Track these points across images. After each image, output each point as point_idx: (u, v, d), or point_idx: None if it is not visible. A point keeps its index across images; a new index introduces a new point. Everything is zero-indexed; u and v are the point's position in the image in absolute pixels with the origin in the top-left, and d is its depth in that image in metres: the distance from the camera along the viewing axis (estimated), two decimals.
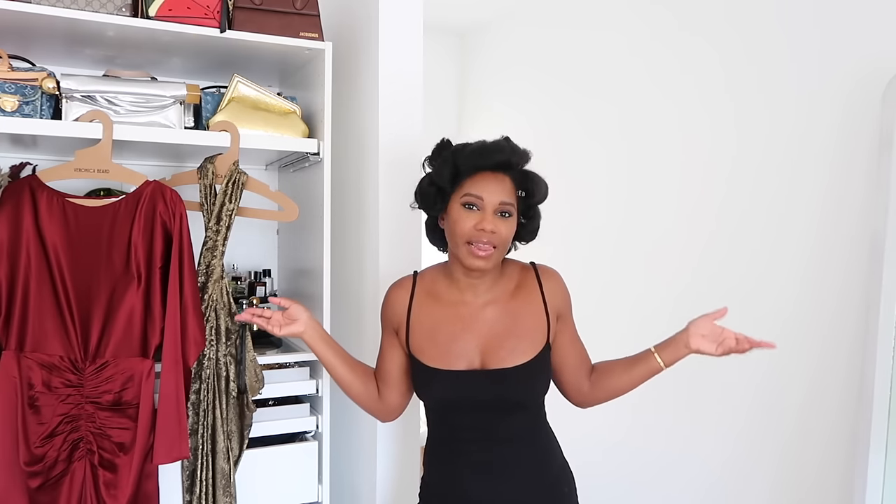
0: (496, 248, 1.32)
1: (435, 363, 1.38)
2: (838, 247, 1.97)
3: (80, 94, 1.59)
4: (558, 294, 1.42)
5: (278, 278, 2.30)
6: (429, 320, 1.41)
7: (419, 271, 1.48)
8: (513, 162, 1.34)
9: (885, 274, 1.77)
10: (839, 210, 1.98)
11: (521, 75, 3.44)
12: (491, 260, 1.33)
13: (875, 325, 1.79)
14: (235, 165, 1.70)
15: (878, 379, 1.77)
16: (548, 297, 1.40)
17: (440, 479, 1.45)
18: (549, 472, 1.43)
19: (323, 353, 1.45)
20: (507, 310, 1.40)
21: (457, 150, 1.36)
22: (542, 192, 1.38)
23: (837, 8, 2.00)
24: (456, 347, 1.38)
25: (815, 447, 2.03)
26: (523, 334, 1.38)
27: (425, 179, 1.40)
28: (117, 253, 1.57)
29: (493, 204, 1.31)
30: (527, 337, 1.38)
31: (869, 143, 1.89)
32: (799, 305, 2.08)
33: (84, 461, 1.55)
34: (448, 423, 1.42)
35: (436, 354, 1.38)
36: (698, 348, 1.37)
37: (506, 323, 1.38)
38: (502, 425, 1.38)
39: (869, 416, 1.78)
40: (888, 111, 1.80)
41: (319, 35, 1.82)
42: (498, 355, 1.36)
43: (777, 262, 2.15)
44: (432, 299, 1.42)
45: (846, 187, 1.96)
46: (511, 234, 1.35)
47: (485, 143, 1.36)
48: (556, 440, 1.48)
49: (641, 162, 2.69)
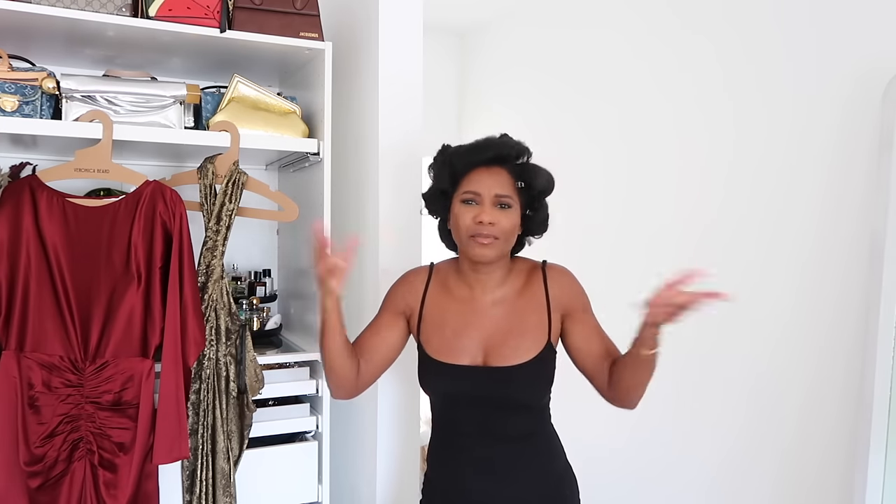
0: (498, 238, 1.34)
1: (439, 356, 1.40)
2: (838, 247, 1.97)
3: (80, 94, 1.59)
4: (565, 292, 1.42)
5: (278, 278, 2.30)
6: (438, 312, 1.44)
7: (435, 263, 1.52)
8: (505, 155, 1.37)
9: (885, 274, 1.76)
10: (839, 210, 1.97)
11: (521, 75, 3.44)
12: (494, 249, 1.35)
13: (875, 326, 1.79)
14: (235, 165, 1.70)
15: (878, 379, 1.77)
16: (552, 296, 1.41)
17: (442, 475, 1.46)
18: (551, 473, 1.44)
19: (333, 320, 1.34)
20: (513, 308, 1.41)
21: (452, 151, 1.42)
22: (543, 182, 1.39)
23: (837, 8, 2.00)
24: (461, 342, 1.40)
25: (816, 447, 2.03)
26: (525, 333, 1.39)
27: (430, 185, 1.46)
28: (117, 253, 1.57)
29: (490, 196, 1.35)
30: (529, 335, 1.39)
31: (869, 143, 1.89)
32: (799, 305, 2.08)
33: (84, 461, 1.55)
34: (450, 418, 1.44)
35: (441, 347, 1.41)
36: (654, 320, 1.24)
37: (511, 321, 1.40)
38: (504, 423, 1.39)
39: (869, 417, 1.78)
40: (888, 111, 1.80)
41: (319, 35, 1.82)
42: (501, 353, 1.37)
43: (776, 262, 2.15)
44: (444, 292, 1.46)
45: (846, 187, 1.96)
46: (512, 225, 1.36)
47: (478, 141, 1.40)
48: (559, 442, 1.49)
49: (640, 163, 2.69)
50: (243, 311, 1.99)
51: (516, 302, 1.42)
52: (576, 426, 1.94)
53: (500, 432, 1.39)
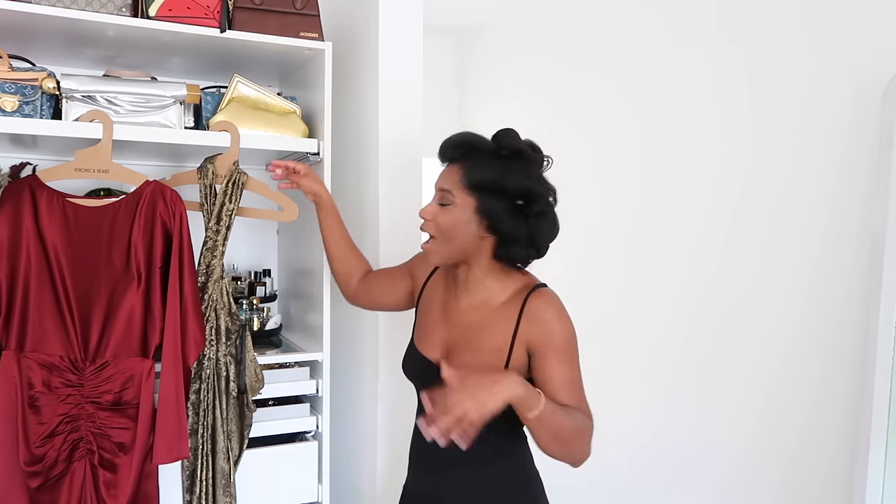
0: (434, 237, 1.30)
1: (417, 342, 1.43)
2: (843, 249, 1.97)
3: (80, 94, 1.59)
4: (536, 327, 1.26)
5: (278, 278, 2.30)
6: (430, 300, 1.46)
7: None
8: (456, 149, 1.29)
9: (885, 274, 1.77)
10: (841, 211, 1.98)
11: (522, 76, 3.44)
12: (432, 249, 1.31)
13: (875, 326, 1.79)
14: (235, 165, 1.70)
15: (878, 379, 1.77)
16: (521, 327, 1.26)
17: (410, 465, 1.51)
18: (501, 476, 1.34)
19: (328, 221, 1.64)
20: (482, 320, 1.32)
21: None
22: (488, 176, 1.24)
23: (837, 8, 2.00)
24: (433, 335, 1.40)
25: (818, 448, 2.03)
26: (483, 352, 1.29)
27: None
28: (117, 253, 1.57)
29: (436, 192, 1.31)
30: (484, 356, 1.29)
31: (870, 143, 1.89)
32: (807, 308, 2.08)
33: (84, 461, 1.55)
34: (419, 405, 1.42)
35: (420, 334, 1.44)
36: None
37: (474, 332, 1.32)
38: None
39: (869, 417, 1.78)
40: (888, 111, 1.80)
41: (319, 35, 1.82)
42: (454, 361, 1.31)
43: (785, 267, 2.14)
44: (441, 282, 1.46)
45: (848, 188, 1.96)
46: (451, 222, 1.27)
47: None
48: (525, 448, 1.37)
49: (640, 164, 2.69)
50: (243, 311, 1.99)
51: (488, 316, 1.31)
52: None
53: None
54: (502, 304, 1.31)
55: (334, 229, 1.66)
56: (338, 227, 1.66)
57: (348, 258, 1.66)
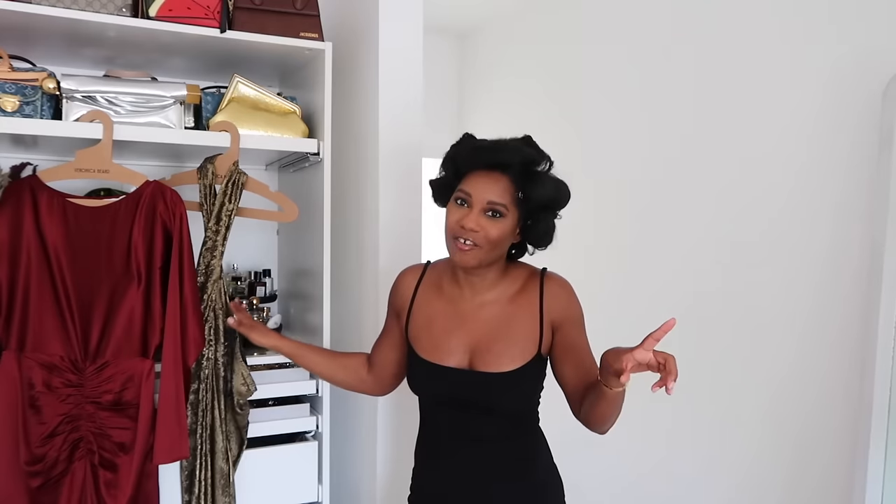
0: (479, 246, 1.29)
1: (427, 355, 1.39)
2: (843, 249, 1.97)
3: (80, 95, 1.59)
4: (559, 303, 1.36)
5: (278, 278, 2.30)
6: (428, 310, 1.43)
7: (432, 261, 1.50)
8: (506, 161, 1.30)
9: (885, 274, 1.77)
10: (842, 211, 1.97)
11: (522, 76, 3.44)
12: (473, 257, 1.30)
13: (875, 326, 1.79)
14: (235, 165, 1.70)
15: (878, 379, 1.77)
16: (546, 306, 1.35)
17: (423, 474, 1.47)
18: (532, 478, 1.40)
19: (283, 350, 1.60)
20: (504, 312, 1.37)
21: (460, 146, 1.37)
22: (546, 194, 1.31)
23: (837, 8, 2.00)
24: (448, 343, 1.38)
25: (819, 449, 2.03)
26: (514, 340, 1.35)
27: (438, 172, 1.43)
28: (117, 253, 1.57)
29: (481, 202, 1.29)
30: (517, 344, 1.35)
31: (870, 143, 1.89)
32: (807, 310, 2.07)
33: (84, 461, 1.55)
34: (434, 417, 1.43)
35: (429, 346, 1.40)
36: (622, 365, 1.16)
37: (500, 326, 1.36)
38: (483, 427, 1.36)
39: (869, 417, 1.78)
40: (888, 111, 1.80)
41: (319, 35, 1.82)
42: (485, 358, 1.34)
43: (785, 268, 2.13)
44: (436, 291, 1.44)
45: (849, 188, 1.96)
46: (500, 235, 1.30)
47: (485, 142, 1.35)
48: (545, 446, 1.45)
49: (640, 166, 2.69)
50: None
51: (507, 307, 1.37)
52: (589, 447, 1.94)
53: (478, 435, 1.36)
54: (518, 293, 1.38)
55: (314, 360, 1.60)
56: (316, 355, 1.60)
57: (345, 367, 1.59)
